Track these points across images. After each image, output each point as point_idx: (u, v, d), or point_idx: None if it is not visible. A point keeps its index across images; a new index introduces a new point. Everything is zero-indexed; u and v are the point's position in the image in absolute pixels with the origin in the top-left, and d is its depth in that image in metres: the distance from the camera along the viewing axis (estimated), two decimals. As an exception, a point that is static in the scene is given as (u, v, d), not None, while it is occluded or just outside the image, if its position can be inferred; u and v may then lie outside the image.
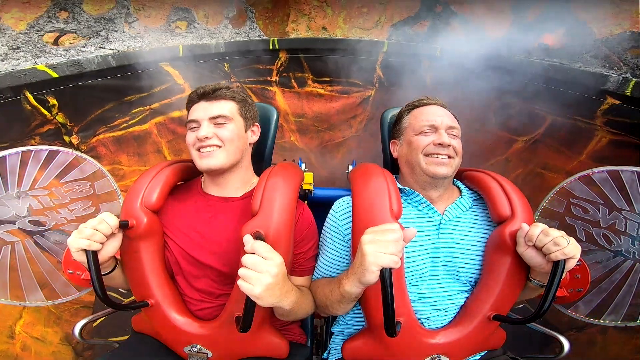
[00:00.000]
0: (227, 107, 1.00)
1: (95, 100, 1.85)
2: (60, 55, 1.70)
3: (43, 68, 1.60)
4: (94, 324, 1.83)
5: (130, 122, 2.04)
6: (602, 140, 1.67)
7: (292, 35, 2.27)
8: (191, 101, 1.03)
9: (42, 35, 1.70)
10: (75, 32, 1.76)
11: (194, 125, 1.00)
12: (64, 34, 1.70)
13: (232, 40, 2.22)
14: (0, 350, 1.60)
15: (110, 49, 1.83)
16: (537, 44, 1.82)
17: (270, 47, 2.23)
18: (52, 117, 1.69)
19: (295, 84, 2.42)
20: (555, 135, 1.84)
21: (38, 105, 1.63)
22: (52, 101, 1.67)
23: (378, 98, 2.41)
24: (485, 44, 1.88)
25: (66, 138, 1.79)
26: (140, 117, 2.08)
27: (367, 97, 2.42)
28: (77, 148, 1.82)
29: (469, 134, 2.06)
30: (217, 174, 1.01)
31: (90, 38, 1.79)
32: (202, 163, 0.97)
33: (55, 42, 1.69)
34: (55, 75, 1.63)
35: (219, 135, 0.97)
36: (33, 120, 1.65)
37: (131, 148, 2.10)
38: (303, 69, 2.35)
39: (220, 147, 0.97)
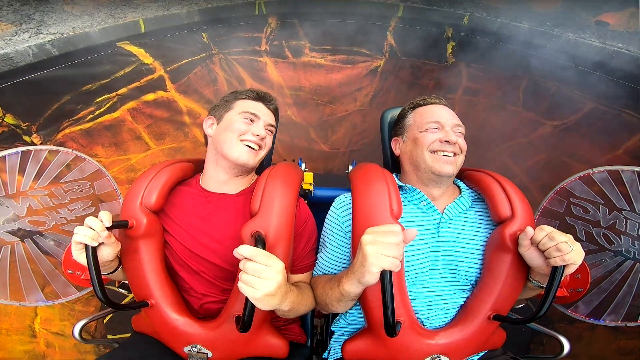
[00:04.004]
0: (274, 119, 1.14)
1: (47, 95, 1.66)
2: (-16, 51, 1.43)
3: (-38, 69, 1.39)
4: (105, 320, 1.82)
5: (97, 112, 1.86)
6: (646, 137, 1.53)
7: (285, -4, 1.97)
8: (246, 95, 1.10)
9: (-46, 30, 1.44)
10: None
11: (251, 117, 1.05)
12: (-15, 23, 1.38)
13: (209, 6, 1.91)
14: (27, 350, 1.59)
15: (51, 34, 1.55)
16: (593, 21, 1.61)
17: (257, 12, 1.95)
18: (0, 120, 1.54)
19: (289, 54, 2.16)
20: (592, 124, 1.69)
21: None
22: (-7, 104, 1.48)
23: (388, 69, 2.16)
24: (529, 16, 1.66)
25: (26, 138, 1.66)
26: (107, 105, 1.89)
27: (375, 67, 2.19)
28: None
29: (490, 112, 1.92)
30: (241, 170, 1.05)
31: (20, 24, 1.51)
32: (241, 156, 1.00)
33: (-23, 33, 1.38)
34: None
35: (266, 140, 1.07)
36: (-21, 126, 1.48)
37: (105, 139, 1.96)
38: (298, 36, 2.08)
39: (261, 148, 1.06)
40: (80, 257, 0.82)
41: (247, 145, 1.02)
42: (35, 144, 1.69)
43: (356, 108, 2.42)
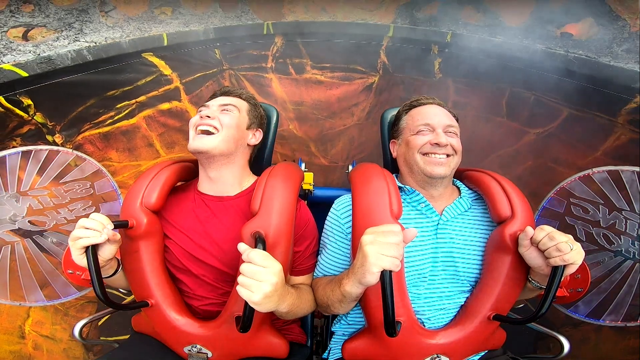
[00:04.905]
0: (238, 102, 1.09)
1: (75, 97, 1.76)
2: (29, 52, 1.57)
3: (10, 67, 1.49)
4: (99, 323, 1.82)
5: (116, 118, 1.95)
6: (621, 137, 1.61)
7: (289, 18, 2.12)
8: (213, 96, 1.12)
9: (6, 32, 1.59)
10: (45, 26, 1.65)
11: (203, 108, 1.05)
12: (32, 29, 1.60)
13: (223, 25, 2.08)
14: (13, 351, 1.59)
15: (86, 42, 1.70)
16: (559, 34, 1.73)
17: (265, 32, 2.09)
18: (30, 118, 1.61)
19: (292, 71, 2.30)
20: (570, 129, 1.77)
21: (11, 107, 1.54)
22: (27, 101, 1.57)
23: (382, 85, 2.31)
24: (502, 31, 1.80)
25: (49, 137, 1.72)
26: (126, 111, 1.99)
27: (370, 83, 2.31)
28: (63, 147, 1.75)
29: (478, 124, 2.03)
30: (206, 159, 1.01)
31: (62, 31, 1.67)
32: (194, 143, 0.98)
33: (25, 37, 1.58)
34: (24, 74, 1.53)
35: (221, 119, 1.01)
36: (10, 122, 1.57)
37: (120, 144, 2.04)
38: (301, 54, 2.23)
39: (218, 130, 0.99)
40: (80, 259, 0.80)
41: (201, 131, 0.99)
42: (57, 144, 1.74)
43: (353, 122, 2.51)
